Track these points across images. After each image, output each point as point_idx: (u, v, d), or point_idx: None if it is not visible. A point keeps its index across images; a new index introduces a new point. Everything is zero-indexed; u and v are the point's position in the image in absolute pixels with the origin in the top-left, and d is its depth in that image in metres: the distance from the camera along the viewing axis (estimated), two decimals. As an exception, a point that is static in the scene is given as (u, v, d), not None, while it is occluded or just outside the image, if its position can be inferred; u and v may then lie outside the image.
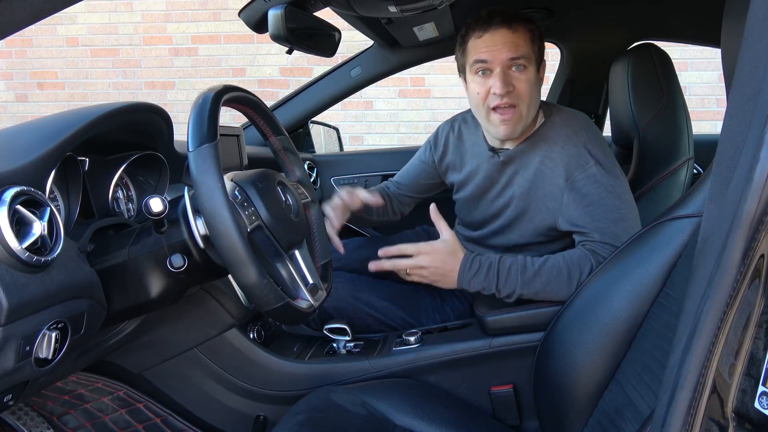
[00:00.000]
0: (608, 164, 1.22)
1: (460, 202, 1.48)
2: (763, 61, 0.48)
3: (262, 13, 1.24)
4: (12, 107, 4.73)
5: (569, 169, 1.22)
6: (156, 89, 4.60)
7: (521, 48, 1.20)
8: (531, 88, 1.22)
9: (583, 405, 0.94)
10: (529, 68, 1.22)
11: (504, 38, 1.20)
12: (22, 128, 0.88)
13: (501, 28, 1.20)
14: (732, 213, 0.47)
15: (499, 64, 1.20)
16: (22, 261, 0.68)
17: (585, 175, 1.21)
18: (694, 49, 3.88)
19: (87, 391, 1.23)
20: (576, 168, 1.22)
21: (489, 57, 1.21)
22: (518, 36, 1.20)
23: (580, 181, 1.21)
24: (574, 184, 1.21)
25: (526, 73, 1.22)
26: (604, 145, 1.27)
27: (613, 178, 1.21)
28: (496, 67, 1.21)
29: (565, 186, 1.22)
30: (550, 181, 1.25)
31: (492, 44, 1.20)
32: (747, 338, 0.47)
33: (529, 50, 1.22)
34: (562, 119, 1.29)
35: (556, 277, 1.16)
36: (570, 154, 1.23)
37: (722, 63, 0.74)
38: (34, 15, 0.69)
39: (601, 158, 1.22)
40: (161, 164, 1.14)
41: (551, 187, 1.25)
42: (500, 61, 1.20)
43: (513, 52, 1.20)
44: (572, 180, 1.21)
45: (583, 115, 1.33)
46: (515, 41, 1.20)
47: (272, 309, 0.82)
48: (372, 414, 1.02)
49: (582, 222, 1.20)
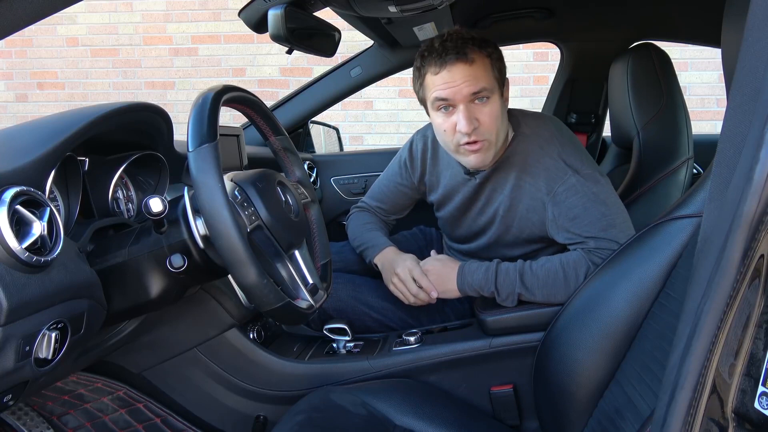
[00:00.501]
0: (586, 171, 1.21)
1: (442, 220, 1.48)
2: (763, 61, 0.48)
3: (262, 13, 1.24)
4: (12, 107, 4.73)
5: (549, 183, 1.21)
6: (156, 89, 4.60)
7: (481, 81, 1.15)
8: (497, 119, 1.18)
9: (583, 405, 0.94)
10: (492, 98, 1.17)
11: (462, 74, 1.14)
12: (22, 128, 0.88)
13: (458, 63, 1.14)
14: (732, 213, 0.47)
15: (461, 101, 1.15)
16: (21, 261, 0.68)
17: (565, 187, 1.19)
18: (694, 49, 3.88)
19: (87, 391, 1.23)
20: (555, 181, 1.20)
21: (449, 95, 1.15)
22: (476, 68, 1.14)
23: (561, 194, 1.19)
24: (556, 198, 1.20)
25: (490, 104, 1.17)
26: (579, 149, 1.26)
27: (593, 183, 1.19)
28: (458, 104, 1.16)
29: (548, 200, 1.21)
30: (530, 195, 1.24)
31: (451, 81, 1.14)
32: (747, 338, 0.47)
33: (490, 80, 1.16)
34: (531, 130, 1.27)
35: (553, 280, 1.16)
36: (546, 167, 1.21)
37: (722, 63, 0.74)
38: (34, 15, 0.69)
39: (578, 166, 1.21)
40: (161, 164, 1.13)
41: (532, 201, 1.24)
42: (462, 97, 1.15)
43: (473, 87, 1.14)
44: (554, 194, 1.20)
45: (551, 119, 1.32)
46: (474, 74, 1.14)
47: (272, 309, 0.82)
48: (372, 414, 1.02)
49: (572, 233, 1.19)
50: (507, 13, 1.70)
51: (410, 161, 1.47)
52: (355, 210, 1.58)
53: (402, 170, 1.49)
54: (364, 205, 1.58)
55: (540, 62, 4.23)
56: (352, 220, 1.55)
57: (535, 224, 1.25)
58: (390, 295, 1.38)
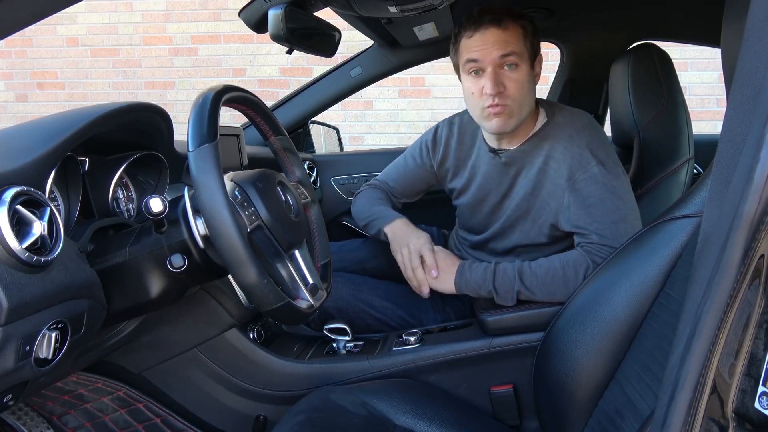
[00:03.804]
0: (610, 164, 1.22)
1: (461, 207, 1.47)
2: (763, 61, 0.48)
3: (262, 13, 1.24)
4: (12, 107, 4.73)
5: (571, 170, 1.22)
6: (156, 89, 4.60)
7: (511, 45, 1.19)
8: (523, 87, 1.22)
9: (583, 405, 0.94)
10: (521, 66, 1.21)
11: (494, 37, 1.19)
12: (22, 128, 0.88)
13: (491, 27, 1.19)
14: (732, 213, 0.47)
15: (490, 63, 1.20)
16: (22, 261, 0.68)
17: (587, 175, 1.20)
18: (694, 49, 3.88)
19: (87, 391, 1.23)
20: (578, 168, 1.21)
21: (479, 56, 1.20)
22: (509, 33, 1.19)
23: (581, 181, 1.20)
24: (576, 185, 1.21)
25: (518, 71, 1.21)
26: (608, 145, 1.27)
27: (614, 178, 1.21)
28: (487, 66, 1.20)
29: (567, 186, 1.22)
30: (553, 180, 1.25)
31: (482, 44, 1.20)
32: (747, 338, 0.47)
33: (521, 47, 1.21)
34: (565, 119, 1.29)
35: (552, 279, 1.16)
36: (572, 155, 1.23)
37: (722, 63, 0.74)
38: (34, 15, 0.69)
39: (603, 158, 1.22)
40: (161, 164, 1.14)
41: (554, 186, 1.25)
42: (491, 60, 1.19)
43: (503, 50, 1.19)
44: (573, 180, 1.21)
45: (586, 115, 1.33)
46: (506, 39, 1.19)
47: (272, 309, 0.82)
48: (372, 414, 1.02)
49: (582, 222, 1.20)
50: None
51: (433, 144, 1.48)
52: (367, 187, 1.58)
53: (423, 151, 1.50)
54: (377, 183, 1.59)
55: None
56: (362, 195, 1.55)
57: (552, 211, 1.26)
58: (390, 294, 1.38)
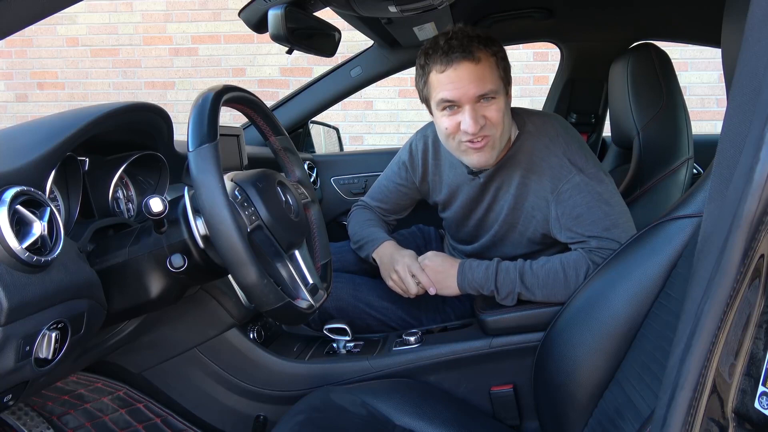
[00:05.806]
0: (591, 170, 1.21)
1: (447, 220, 1.47)
2: (763, 61, 0.48)
3: (262, 13, 1.24)
4: (12, 107, 4.73)
5: (554, 182, 1.21)
6: (156, 89, 4.60)
7: (488, 82, 1.13)
8: (503, 115, 1.17)
9: (583, 405, 0.94)
10: (498, 97, 1.16)
11: (468, 74, 1.12)
12: (22, 128, 0.88)
13: (464, 62, 1.12)
14: (732, 213, 0.47)
15: (467, 101, 1.14)
16: (22, 261, 0.68)
17: (570, 186, 1.19)
18: (694, 49, 3.88)
19: (87, 391, 1.23)
20: (560, 179, 1.20)
21: (455, 97, 1.14)
22: (483, 67, 1.13)
23: (565, 192, 1.19)
24: (561, 197, 1.20)
25: (496, 102, 1.15)
26: (585, 148, 1.26)
27: (598, 183, 1.19)
28: (464, 104, 1.14)
29: (552, 198, 1.21)
30: (535, 193, 1.24)
31: (457, 81, 1.13)
32: (747, 338, 0.47)
33: (496, 80, 1.15)
34: (536, 128, 1.26)
35: (553, 279, 1.16)
36: (551, 166, 1.21)
37: (722, 63, 0.74)
38: (34, 15, 0.69)
39: (582, 165, 1.21)
40: (161, 164, 1.13)
41: (537, 199, 1.24)
42: (468, 98, 1.13)
43: (480, 89, 1.13)
44: (558, 192, 1.20)
45: (556, 118, 1.32)
46: (481, 75, 1.12)
47: (272, 309, 0.82)
48: (372, 414, 1.02)
49: (575, 232, 1.19)
50: (507, 13, 1.70)
51: (410, 162, 1.45)
52: (356, 208, 1.58)
53: (402, 171, 1.48)
54: (365, 204, 1.58)
55: (540, 62, 4.23)
56: (352, 217, 1.55)
57: (539, 222, 1.25)
58: (390, 294, 1.38)
